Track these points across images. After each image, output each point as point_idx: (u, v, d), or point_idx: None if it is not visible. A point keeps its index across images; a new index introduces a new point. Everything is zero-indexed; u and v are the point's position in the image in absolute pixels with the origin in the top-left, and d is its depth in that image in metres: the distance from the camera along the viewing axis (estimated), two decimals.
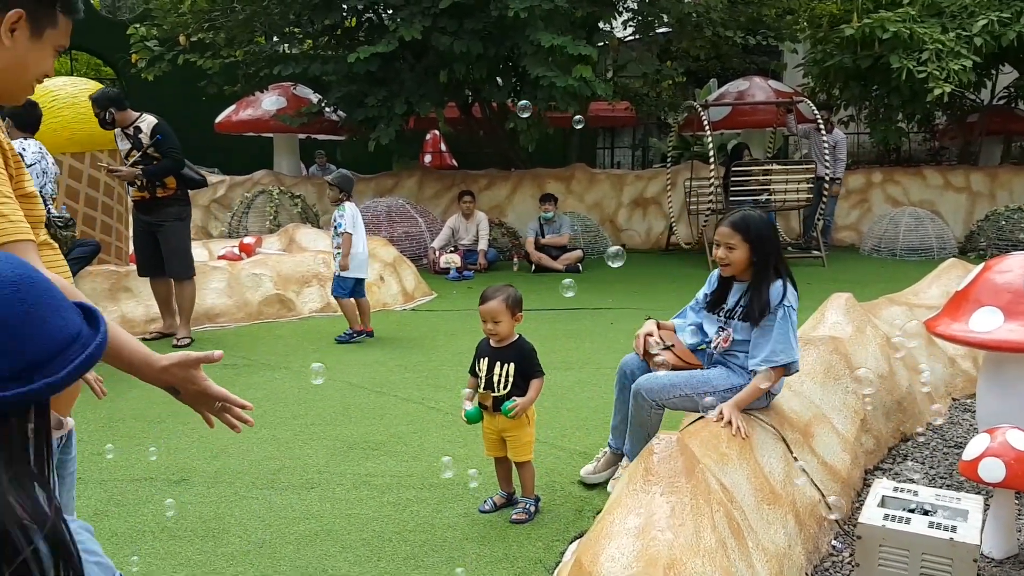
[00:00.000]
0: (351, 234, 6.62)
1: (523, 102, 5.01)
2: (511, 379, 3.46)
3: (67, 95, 7.62)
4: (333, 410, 4.94)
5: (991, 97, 13.07)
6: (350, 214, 6.68)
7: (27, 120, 6.27)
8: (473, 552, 3.17)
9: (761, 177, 10.81)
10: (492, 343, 3.53)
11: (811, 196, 10.79)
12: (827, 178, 10.88)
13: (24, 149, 6.02)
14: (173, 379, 1.77)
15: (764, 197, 10.73)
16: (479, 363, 3.52)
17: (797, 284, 3.46)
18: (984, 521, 2.48)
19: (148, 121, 6.51)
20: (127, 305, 7.31)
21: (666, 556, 2.06)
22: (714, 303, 3.56)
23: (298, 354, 6.32)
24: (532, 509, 3.50)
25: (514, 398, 3.42)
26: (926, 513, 2.48)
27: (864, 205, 12.54)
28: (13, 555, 1.07)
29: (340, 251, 6.64)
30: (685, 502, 2.27)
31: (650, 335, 3.65)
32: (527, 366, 3.51)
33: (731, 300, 3.49)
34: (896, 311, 5.17)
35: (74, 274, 6.69)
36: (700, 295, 3.68)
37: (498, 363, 3.48)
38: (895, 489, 2.67)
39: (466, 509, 3.52)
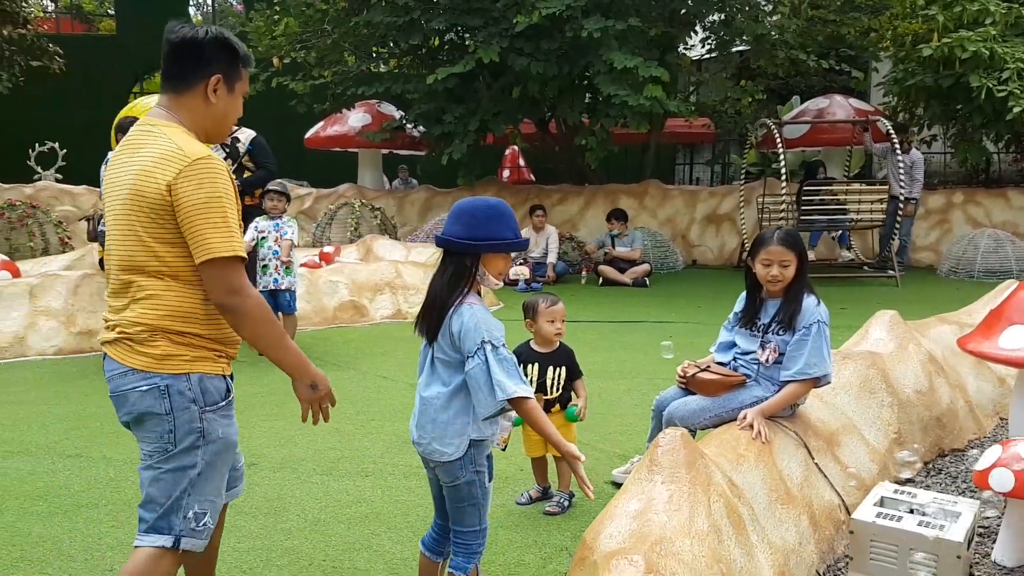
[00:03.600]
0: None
1: None
2: (563, 381, 3.73)
3: None
4: (393, 408, 5.28)
5: None
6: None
7: None
8: (506, 538, 3.43)
9: (834, 196, 10.80)
10: (540, 348, 3.77)
11: (885, 216, 10.72)
12: (902, 198, 10.78)
13: None
14: (315, 378, 2.39)
15: (849, 218, 10.73)
16: (526, 368, 3.74)
17: (866, 303, 3.57)
18: (974, 524, 2.61)
19: (247, 133, 7.01)
20: None
21: (656, 535, 2.29)
22: (749, 319, 3.68)
23: (366, 357, 6.71)
24: (565, 503, 3.74)
25: (575, 403, 3.70)
26: (920, 513, 2.63)
27: (944, 226, 12.33)
28: None
29: (287, 263, 6.66)
30: (683, 490, 2.49)
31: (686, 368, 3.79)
32: (574, 368, 3.78)
33: (765, 316, 3.61)
34: (945, 330, 5.21)
35: None
36: (732, 315, 3.81)
37: (550, 367, 3.73)
38: (895, 491, 2.82)
39: (504, 501, 3.79)
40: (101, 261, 7.15)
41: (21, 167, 14.50)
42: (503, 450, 3.29)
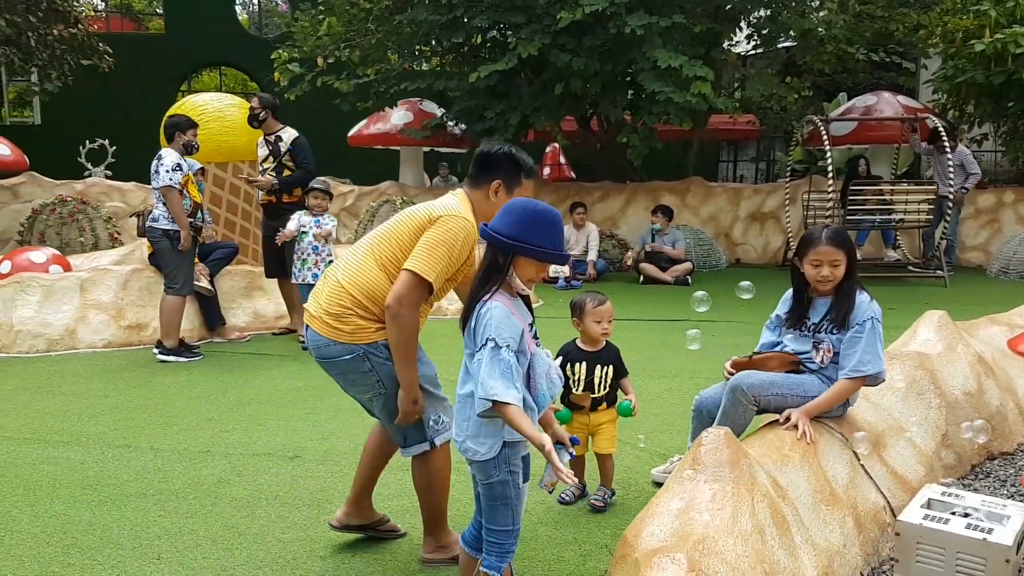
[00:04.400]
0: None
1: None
2: (610, 380, 3.72)
3: (213, 109, 8.38)
4: None
5: None
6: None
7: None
8: (545, 535, 3.44)
9: (880, 195, 10.63)
10: (587, 347, 3.77)
11: (931, 216, 10.54)
12: (951, 197, 10.56)
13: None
14: (419, 397, 3.00)
15: (893, 217, 10.58)
16: (574, 367, 3.73)
17: (914, 303, 3.48)
18: (1023, 528, 2.56)
19: (289, 133, 7.13)
20: (260, 303, 7.96)
21: (699, 534, 2.27)
22: (797, 319, 3.59)
23: None
24: (608, 499, 3.73)
25: (628, 398, 3.71)
26: (967, 516, 2.58)
27: (994, 225, 12.06)
28: None
29: (332, 259, 6.72)
30: (727, 489, 2.47)
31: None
32: (620, 367, 3.78)
33: (815, 315, 3.54)
34: (995, 331, 5.10)
35: (214, 274, 7.36)
36: (775, 316, 3.73)
37: (598, 366, 3.72)
38: (943, 494, 2.78)
39: (543, 497, 3.79)
40: (150, 256, 7.29)
41: (72, 164, 14.83)
42: (549, 493, 3.27)
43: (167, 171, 6.54)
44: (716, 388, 3.78)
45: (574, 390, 3.73)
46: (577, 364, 3.72)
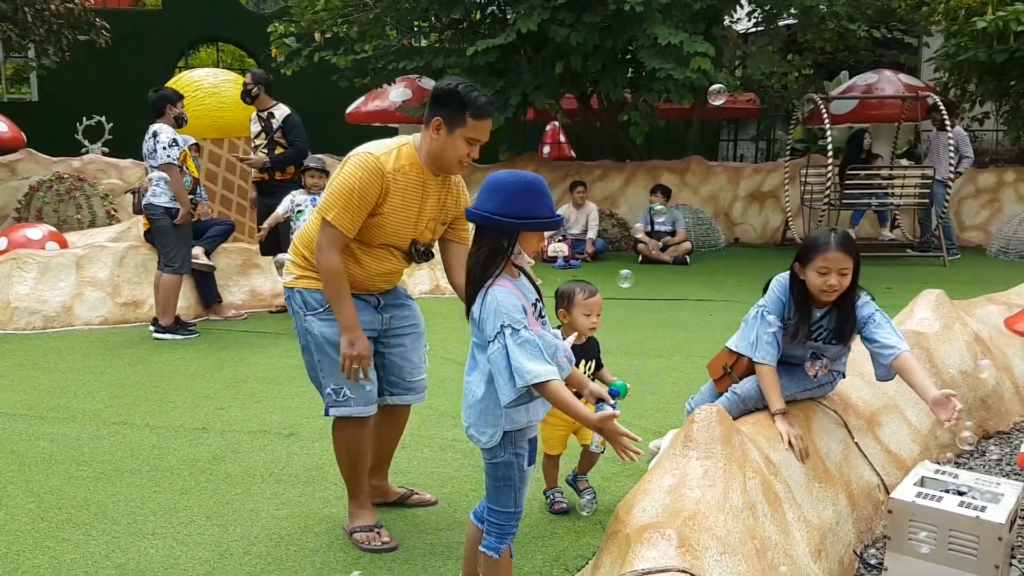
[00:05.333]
0: None
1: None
2: (591, 375, 3.61)
3: (209, 85, 8.33)
4: (430, 382, 5.20)
5: None
6: None
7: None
8: (539, 511, 3.45)
9: (877, 178, 10.62)
10: (572, 339, 3.50)
11: (926, 198, 10.55)
12: (951, 179, 10.51)
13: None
14: (355, 339, 3.06)
15: (889, 202, 10.58)
16: None
17: (912, 283, 3.32)
18: (1017, 506, 2.55)
19: (282, 110, 7.08)
20: (256, 280, 7.94)
21: (690, 510, 2.27)
22: (795, 331, 3.29)
23: None
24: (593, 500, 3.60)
25: (624, 382, 3.59)
26: (961, 494, 2.58)
27: (994, 205, 12.01)
28: None
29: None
30: (719, 466, 2.47)
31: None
32: (600, 361, 3.61)
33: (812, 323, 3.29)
34: (993, 310, 5.09)
35: (211, 251, 7.34)
36: (773, 316, 3.31)
37: (582, 360, 3.48)
38: (936, 471, 2.78)
39: (537, 475, 3.77)
40: (146, 233, 7.26)
41: (69, 140, 14.74)
42: (602, 452, 3.05)
43: (164, 148, 6.50)
44: (708, 394, 3.65)
45: None
46: None
